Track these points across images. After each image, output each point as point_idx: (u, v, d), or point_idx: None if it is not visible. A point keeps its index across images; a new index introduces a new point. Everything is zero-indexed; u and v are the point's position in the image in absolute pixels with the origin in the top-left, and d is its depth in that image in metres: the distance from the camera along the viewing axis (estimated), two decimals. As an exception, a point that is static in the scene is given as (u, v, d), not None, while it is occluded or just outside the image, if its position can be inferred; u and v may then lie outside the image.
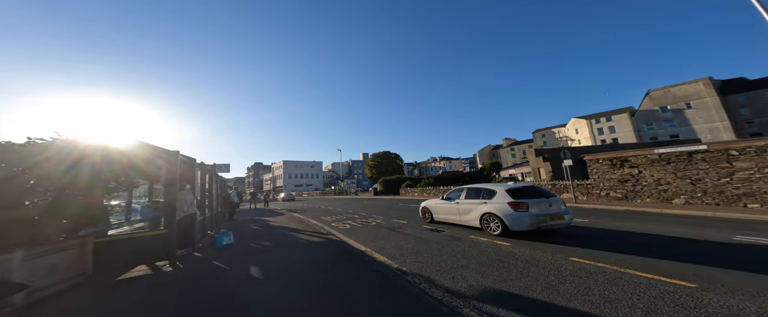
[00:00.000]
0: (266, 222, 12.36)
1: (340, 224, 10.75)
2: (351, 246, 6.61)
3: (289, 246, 6.68)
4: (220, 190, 13.57)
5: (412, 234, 7.73)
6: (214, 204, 10.80)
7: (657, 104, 46.64)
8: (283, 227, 10.29)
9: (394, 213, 13.40)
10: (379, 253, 5.85)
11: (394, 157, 72.22)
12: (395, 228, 8.91)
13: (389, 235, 7.83)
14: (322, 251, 6.02)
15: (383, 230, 8.80)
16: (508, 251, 5.45)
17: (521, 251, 5.42)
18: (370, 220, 11.49)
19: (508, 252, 5.42)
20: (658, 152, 10.53)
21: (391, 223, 10.15)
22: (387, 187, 42.13)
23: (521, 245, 5.86)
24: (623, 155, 11.89)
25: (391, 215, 12.84)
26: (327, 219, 12.84)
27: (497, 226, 6.76)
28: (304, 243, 7.13)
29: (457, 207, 8.13)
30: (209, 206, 9.45)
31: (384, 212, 14.02)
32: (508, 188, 7.03)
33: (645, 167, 11.04)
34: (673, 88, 45.72)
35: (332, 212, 15.95)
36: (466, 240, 6.62)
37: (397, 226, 9.33)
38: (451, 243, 6.47)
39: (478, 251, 5.60)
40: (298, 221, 11.93)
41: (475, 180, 36.83)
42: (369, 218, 12.25)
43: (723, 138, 40.36)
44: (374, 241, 7.14)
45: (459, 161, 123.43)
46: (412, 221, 10.27)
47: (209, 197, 9.54)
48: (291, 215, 14.96)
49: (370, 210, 15.75)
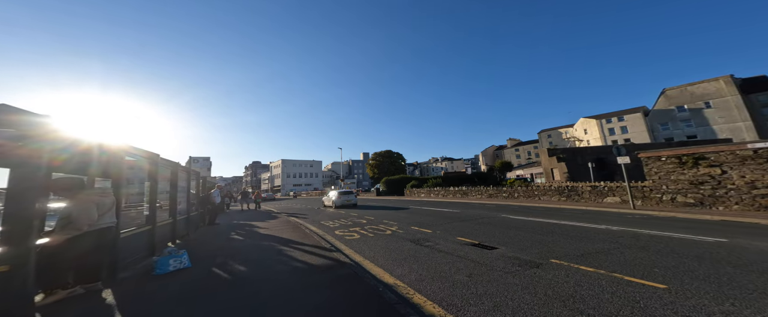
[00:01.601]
0: (253, 229, 10.04)
1: (346, 233, 8.45)
2: (371, 276, 4.31)
3: (273, 276, 4.36)
4: (200, 189, 11.25)
5: (450, 252, 5.44)
6: (186, 207, 8.49)
7: (673, 103, 44.34)
8: (273, 238, 7.98)
9: (408, 218, 11.10)
10: (421, 294, 3.56)
11: (396, 156, 69.90)
12: (421, 241, 6.60)
13: (418, 253, 5.53)
14: (325, 291, 3.69)
15: (406, 243, 6.50)
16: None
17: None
18: (381, 227, 9.20)
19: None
20: (754, 146, 8.25)
21: (411, 232, 7.85)
22: (390, 187, 39.82)
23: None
24: (698, 151, 9.59)
25: (405, 220, 10.54)
26: (329, 225, 10.54)
27: (331, 204, 18.01)
28: (297, 268, 4.82)
29: (328, 197, 19.23)
30: (168, 211, 7.13)
31: (395, 217, 11.72)
32: (339, 190, 18.36)
33: (732, 166, 8.75)
34: (691, 86, 43.46)
35: (333, 215, 13.64)
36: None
37: (422, 238, 7.02)
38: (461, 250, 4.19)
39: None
40: (294, 228, 9.62)
41: (484, 181, 34.58)
42: (380, 223, 9.95)
43: (746, 139, 38.13)
44: (402, 265, 4.85)
45: (461, 162, 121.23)
46: (439, 229, 7.98)
47: (176, 199, 7.24)
48: (286, 219, 12.64)
49: (376, 214, 13.45)
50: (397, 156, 70.32)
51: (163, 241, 6.31)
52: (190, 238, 8.22)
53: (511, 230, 7.44)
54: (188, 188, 8.71)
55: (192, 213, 9.23)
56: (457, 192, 23.87)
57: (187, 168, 8.66)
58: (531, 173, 37.46)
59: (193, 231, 9.18)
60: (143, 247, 5.22)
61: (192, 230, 9.20)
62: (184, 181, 8.26)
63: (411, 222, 9.87)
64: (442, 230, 7.90)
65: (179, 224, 7.46)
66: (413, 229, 8.38)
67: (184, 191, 8.39)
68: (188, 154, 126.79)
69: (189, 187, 8.77)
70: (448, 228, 8.13)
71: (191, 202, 9.66)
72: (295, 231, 8.92)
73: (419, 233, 7.68)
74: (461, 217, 10.49)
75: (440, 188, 27.15)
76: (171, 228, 6.89)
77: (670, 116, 44.52)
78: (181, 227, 7.68)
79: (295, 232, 8.77)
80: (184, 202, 8.33)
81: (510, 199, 16.73)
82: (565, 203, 13.02)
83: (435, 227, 8.55)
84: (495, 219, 9.49)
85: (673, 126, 44.10)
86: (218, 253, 6.10)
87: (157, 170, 6.01)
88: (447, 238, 6.77)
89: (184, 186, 8.37)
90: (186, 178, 8.57)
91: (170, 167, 7.07)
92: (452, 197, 23.56)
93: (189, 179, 8.81)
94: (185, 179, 8.47)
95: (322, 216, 13.76)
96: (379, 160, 68.91)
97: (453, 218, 10.42)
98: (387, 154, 69.88)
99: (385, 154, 69.96)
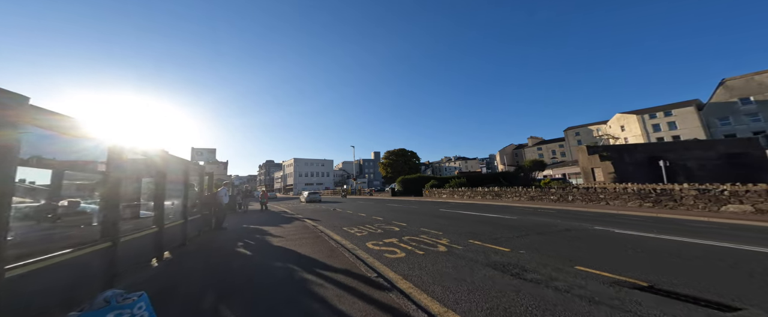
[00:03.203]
0: (264, 237, 8.16)
1: (383, 246, 6.45)
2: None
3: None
4: (204, 188, 9.49)
5: (599, 299, 3.32)
6: (182, 210, 6.67)
7: (735, 95, 39.81)
8: (289, 254, 6.05)
9: (453, 226, 9.00)
10: None
11: (410, 155, 67.54)
12: (509, 268, 4.51)
13: (535, 297, 3.44)
14: None
15: (485, 270, 4.42)
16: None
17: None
18: (425, 238, 7.14)
19: None
20: None
21: (474, 249, 5.75)
22: (407, 187, 37.71)
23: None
24: None
25: (451, 229, 8.44)
26: (354, 232, 8.58)
27: (303, 200, 30.02)
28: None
29: (303, 195, 31.39)
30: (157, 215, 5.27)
31: (434, 224, 9.63)
32: (305, 194, 30.57)
33: None
34: (759, 75, 38.69)
35: (355, 220, 11.65)
36: None
37: (506, 262, 4.90)
38: None
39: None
40: (314, 239, 7.67)
41: (511, 181, 31.95)
42: (420, 233, 7.89)
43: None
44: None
45: (476, 161, 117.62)
46: (519, 246, 5.85)
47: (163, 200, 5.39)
48: (303, 224, 10.75)
49: (407, 218, 11.39)
50: (411, 155, 67.96)
51: (133, 261, 4.45)
52: (183, 251, 6.38)
53: (674, 258, 4.81)
54: (186, 187, 6.89)
55: (191, 218, 7.43)
56: (487, 193, 21.53)
57: (183, 160, 6.85)
58: (563, 174, 34.51)
59: (194, 238, 7.38)
60: (87, 281, 3.30)
61: (192, 237, 7.40)
62: (179, 176, 6.44)
63: (462, 232, 7.76)
64: (528, 248, 5.73)
65: (168, 234, 5.62)
66: (475, 245, 6.27)
67: (180, 190, 6.57)
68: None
69: (188, 185, 6.95)
70: (533, 246, 5.98)
71: (191, 203, 7.88)
72: (316, 243, 6.96)
73: (492, 252, 5.57)
74: (531, 227, 8.27)
75: (466, 189, 24.83)
76: (154, 240, 5.04)
77: (732, 109, 39.78)
78: (171, 236, 5.85)
79: (316, 244, 6.82)
80: (179, 204, 6.51)
81: (562, 202, 14.32)
82: (657, 211, 10.14)
83: (508, 242, 6.40)
84: (595, 234, 7.11)
85: (736, 121, 39.44)
86: (209, 286, 4.17)
87: (122, 158, 4.11)
88: (554, 265, 4.62)
89: (179, 183, 6.55)
90: (183, 172, 6.75)
91: (156, 159, 5.22)
92: (482, 199, 21.24)
93: (187, 175, 6.99)
94: (181, 174, 6.64)
95: (340, 220, 11.80)
96: (392, 159, 66.71)
97: (520, 228, 8.24)
98: (401, 152, 67.63)
99: (399, 152, 67.71)
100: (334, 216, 13.81)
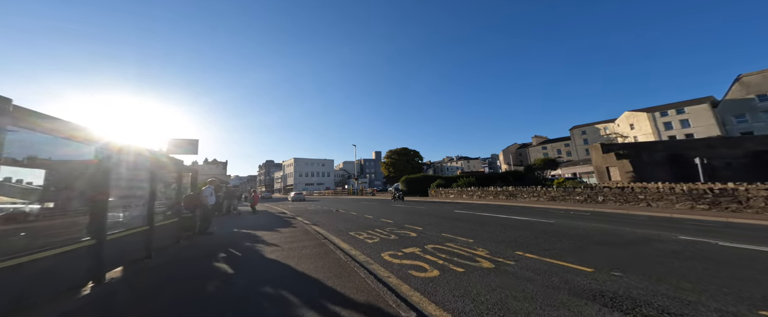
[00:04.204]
0: (256, 246, 6.70)
1: (402, 259, 5.01)
2: None
3: None
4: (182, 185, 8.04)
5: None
6: (145, 214, 5.22)
7: (752, 91, 38.25)
8: (286, 274, 4.61)
9: (481, 231, 7.55)
10: None
11: (412, 154, 66.10)
12: (619, 304, 3.06)
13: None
14: None
15: (579, 303, 2.97)
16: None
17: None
18: (454, 247, 5.71)
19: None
20: None
21: (530, 265, 4.30)
22: (411, 187, 36.23)
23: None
24: None
25: (482, 235, 7.00)
26: (363, 238, 7.15)
27: (291, 199, 33.19)
28: None
29: (290, 196, 36.08)
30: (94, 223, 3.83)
31: (457, 229, 8.19)
32: (292, 194, 34.56)
33: None
34: None
35: (362, 223, 10.18)
36: None
37: (601, 292, 3.46)
38: None
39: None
40: (317, 248, 6.22)
41: (520, 180, 30.54)
42: (444, 240, 6.43)
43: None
44: None
45: (478, 161, 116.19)
46: (588, 258, 4.38)
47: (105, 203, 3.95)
48: (303, 228, 9.29)
49: (420, 221, 9.94)
50: (414, 154, 66.52)
51: (50, 289, 3.00)
52: (142, 267, 4.92)
53: None
54: (153, 185, 5.43)
55: (161, 222, 5.98)
56: (500, 193, 20.08)
57: (148, 152, 5.39)
58: (573, 173, 33.08)
59: (169, 247, 5.92)
60: None
61: (167, 245, 5.95)
62: (138, 173, 4.99)
63: (498, 240, 6.30)
64: (615, 267, 4.17)
65: (118, 245, 4.18)
66: (530, 259, 4.80)
67: (142, 190, 5.12)
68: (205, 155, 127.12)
69: (155, 182, 5.49)
70: (619, 263, 4.49)
71: (167, 205, 6.43)
72: (320, 255, 5.51)
73: (563, 271, 4.11)
74: (585, 235, 6.74)
75: (476, 188, 23.38)
76: (89, 256, 3.59)
77: (749, 106, 38.13)
78: (123, 248, 4.40)
79: (320, 257, 5.36)
80: (140, 206, 5.05)
81: (591, 204, 12.84)
82: (724, 215, 8.60)
83: (576, 256, 4.89)
84: (696, 248, 5.42)
85: (753, 118, 37.82)
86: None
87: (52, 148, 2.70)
88: (685, 299, 3.17)
89: (142, 180, 5.10)
90: (146, 167, 5.29)
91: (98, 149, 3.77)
92: (495, 200, 19.79)
93: (155, 170, 5.53)
94: (141, 170, 5.18)
95: (344, 223, 10.32)
96: (394, 158, 65.26)
97: (571, 235, 6.74)
98: (403, 151, 66.19)
99: (401, 151, 66.27)
100: (338, 218, 12.37)
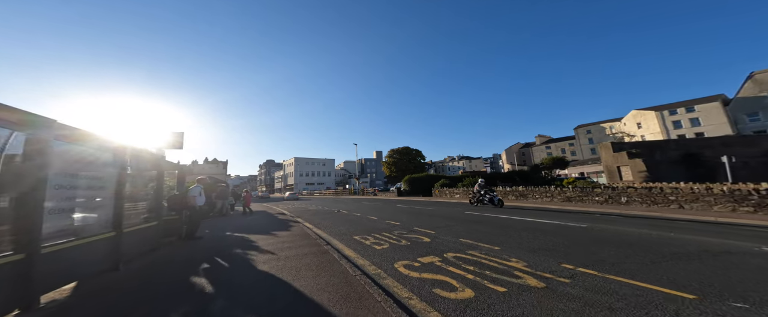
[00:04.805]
0: (246, 255, 5.77)
1: (421, 271, 4.10)
2: None
3: None
4: (163, 185, 7.17)
5: None
6: (115, 217, 4.31)
7: (765, 89, 37.16)
8: (277, 290, 3.69)
9: (501, 235, 6.63)
10: None
11: (415, 153, 65.15)
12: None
13: None
14: None
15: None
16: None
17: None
18: (478, 255, 4.79)
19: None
20: None
21: (595, 285, 3.37)
22: (414, 186, 35.29)
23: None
24: None
25: (507, 240, 6.07)
26: (370, 244, 6.25)
27: (286, 199, 38.04)
28: None
29: (285, 195, 43.91)
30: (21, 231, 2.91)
31: (474, 232, 7.27)
32: (287, 194, 43.24)
33: None
34: None
35: (367, 225, 9.24)
36: None
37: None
38: None
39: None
40: (317, 255, 5.30)
41: (527, 180, 29.55)
42: (466, 248, 5.50)
43: None
44: None
45: (480, 161, 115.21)
46: (670, 277, 3.41)
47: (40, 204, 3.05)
48: (302, 230, 8.37)
49: (430, 223, 9.01)
50: (416, 153, 65.56)
51: None
52: (101, 285, 4.01)
53: None
54: (120, 182, 4.51)
55: (134, 228, 5.07)
56: (509, 194, 19.15)
57: (121, 144, 4.47)
58: (581, 173, 32.10)
59: (145, 255, 5.01)
60: None
61: (143, 252, 5.04)
62: (103, 168, 4.07)
63: (530, 248, 5.36)
64: (747, 299, 3.08)
65: (64, 259, 3.27)
66: (588, 275, 3.87)
67: (103, 188, 4.20)
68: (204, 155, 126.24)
69: (122, 180, 4.57)
70: (719, 284, 3.52)
71: (143, 206, 5.53)
72: (322, 265, 4.58)
73: (658, 298, 3.16)
74: (641, 243, 5.71)
75: (483, 188, 22.41)
76: (17, 273, 2.68)
77: (762, 104, 36.90)
78: (74, 261, 3.49)
79: (322, 268, 4.45)
80: (101, 209, 4.13)
81: (614, 205, 11.85)
82: (763, 218, 7.59)
83: (651, 273, 3.90)
84: None
85: (766, 116, 36.74)
86: None
87: None
88: None
89: (103, 177, 4.18)
90: (113, 163, 4.37)
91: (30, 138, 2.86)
92: (504, 200, 18.84)
93: (122, 166, 4.61)
94: (109, 166, 4.26)
95: (347, 225, 9.38)
96: (396, 157, 64.33)
97: (620, 242, 5.76)
98: (405, 151, 65.24)
99: (403, 151, 65.32)
100: (340, 220, 11.45)
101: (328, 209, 17.92)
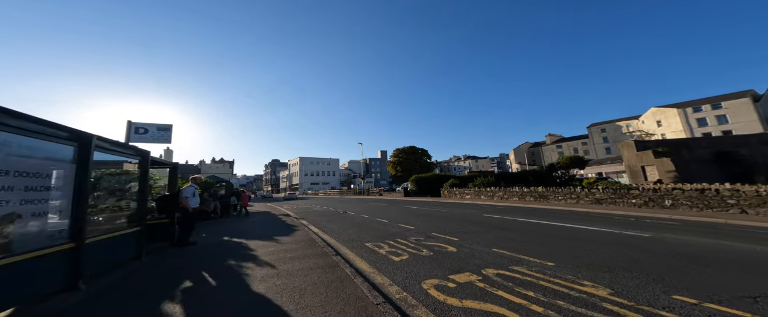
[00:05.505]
0: (241, 268, 4.82)
1: (465, 300, 3.03)
2: None
3: None
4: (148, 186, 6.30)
5: None
6: (73, 222, 3.40)
7: None
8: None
9: (547, 245, 5.60)
10: None
11: (421, 153, 64.04)
12: None
13: None
14: None
15: None
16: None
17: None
18: (528, 273, 3.75)
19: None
20: None
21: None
22: (421, 186, 34.23)
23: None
24: None
25: (557, 253, 5.04)
26: (385, 254, 5.27)
27: (284, 198, 41.66)
28: None
29: (283, 197, 46.70)
30: None
31: (507, 240, 6.24)
32: (285, 195, 48.91)
33: None
34: None
35: (378, 230, 8.23)
36: None
37: None
38: None
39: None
40: (324, 270, 4.30)
41: (541, 180, 28.24)
42: (509, 263, 4.47)
43: None
44: None
45: (486, 161, 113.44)
46: None
47: None
48: (306, 236, 7.41)
49: (448, 228, 7.97)
50: (422, 152, 64.44)
51: None
52: (41, 313, 3.10)
53: None
54: (83, 180, 3.60)
55: (103, 236, 4.16)
56: (527, 195, 17.98)
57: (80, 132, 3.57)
58: (599, 172, 30.70)
59: (123, 266, 4.10)
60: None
61: (122, 262, 4.13)
62: (44, 164, 3.16)
63: (599, 265, 4.31)
64: None
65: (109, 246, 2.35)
66: (717, 313, 2.83)
67: (55, 189, 3.29)
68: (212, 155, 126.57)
69: (86, 178, 3.66)
70: None
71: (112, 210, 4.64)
72: (332, 286, 3.59)
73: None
74: (756, 263, 4.39)
75: (496, 189, 21.31)
76: None
77: None
78: (7, 283, 2.58)
79: (332, 290, 3.46)
80: (43, 216, 3.21)
81: (655, 208, 10.61)
82: None
83: None
84: None
85: None
86: None
87: None
88: None
89: (47, 176, 3.27)
90: (61, 158, 3.46)
91: None
92: (520, 201, 17.73)
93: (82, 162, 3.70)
94: (53, 161, 3.34)
95: (356, 229, 8.40)
96: (402, 157, 63.25)
97: (715, 260, 4.51)
98: (411, 150, 64.14)
99: (409, 150, 64.22)
100: (347, 223, 10.50)
101: (333, 210, 17.00)
